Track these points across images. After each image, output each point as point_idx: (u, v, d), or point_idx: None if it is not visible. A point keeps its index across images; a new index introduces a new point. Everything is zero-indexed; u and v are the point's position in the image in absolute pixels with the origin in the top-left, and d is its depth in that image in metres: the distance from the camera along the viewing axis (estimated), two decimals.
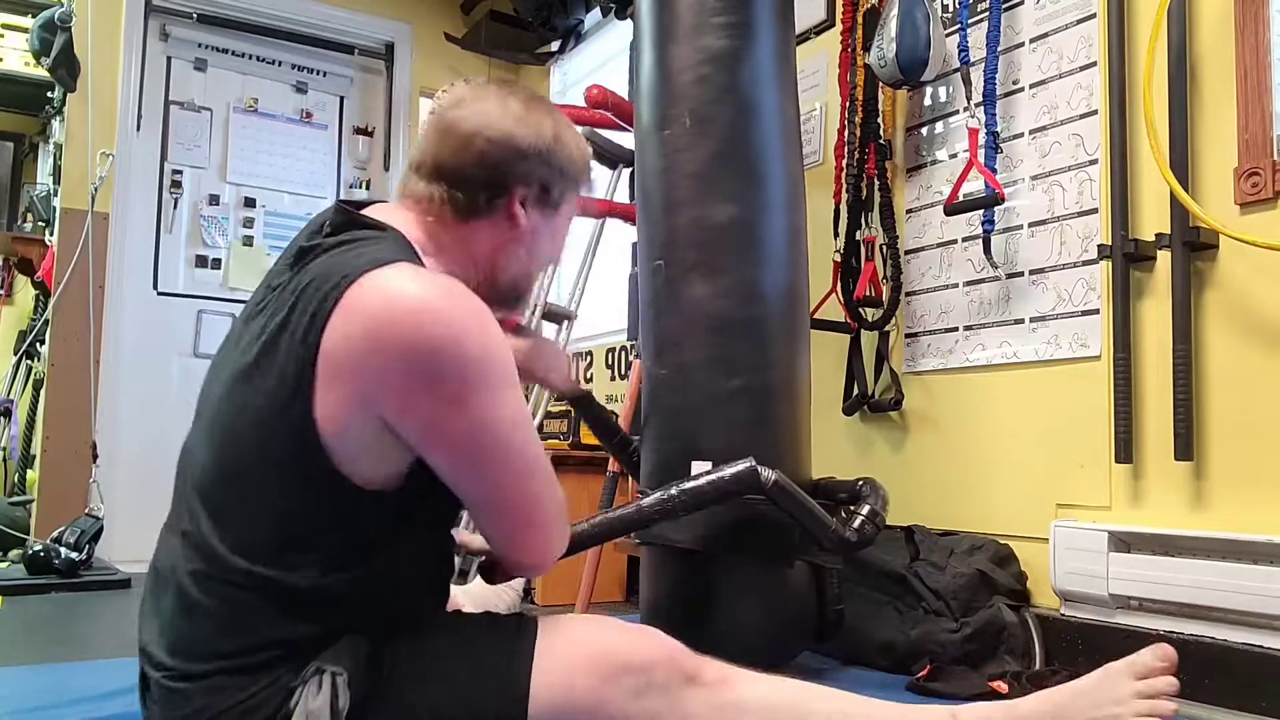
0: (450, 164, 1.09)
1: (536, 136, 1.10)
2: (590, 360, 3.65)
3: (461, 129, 1.09)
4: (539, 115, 1.12)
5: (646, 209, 1.97)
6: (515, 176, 1.10)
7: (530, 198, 1.12)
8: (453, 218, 1.09)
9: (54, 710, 1.59)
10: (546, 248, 1.18)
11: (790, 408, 1.89)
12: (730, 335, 1.84)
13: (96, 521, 3.10)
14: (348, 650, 0.98)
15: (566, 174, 1.14)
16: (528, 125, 1.10)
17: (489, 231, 1.11)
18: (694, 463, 1.79)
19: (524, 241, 1.13)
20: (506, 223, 1.11)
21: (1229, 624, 1.69)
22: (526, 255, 1.15)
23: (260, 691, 0.96)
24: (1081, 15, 2.05)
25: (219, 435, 1.02)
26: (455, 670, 0.99)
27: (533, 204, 1.12)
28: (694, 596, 1.83)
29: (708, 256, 1.86)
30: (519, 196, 1.10)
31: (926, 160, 2.40)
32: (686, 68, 1.90)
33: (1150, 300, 1.89)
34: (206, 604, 0.98)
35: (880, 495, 1.77)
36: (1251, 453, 1.72)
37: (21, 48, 3.78)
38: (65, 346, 3.55)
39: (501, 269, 1.14)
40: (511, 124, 1.09)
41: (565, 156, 1.13)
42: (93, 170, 3.61)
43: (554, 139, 1.12)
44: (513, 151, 1.09)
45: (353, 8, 4.25)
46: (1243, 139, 1.75)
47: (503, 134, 1.08)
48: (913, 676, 1.83)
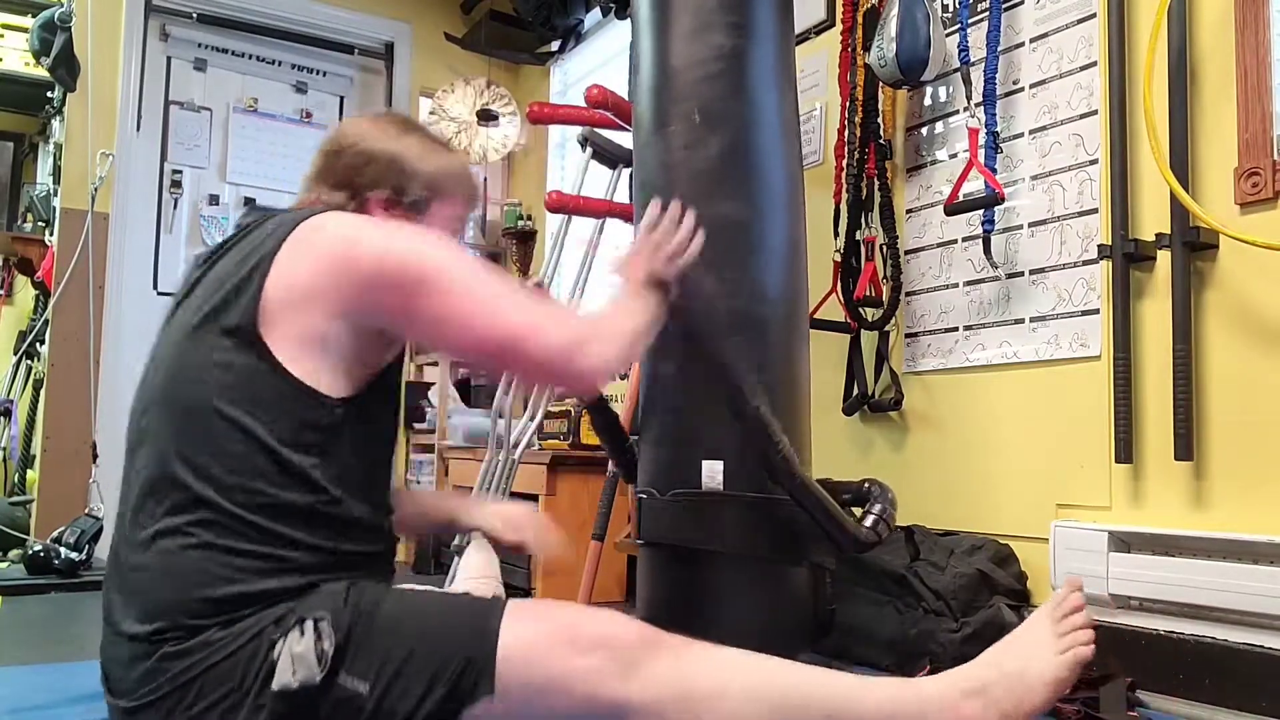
0: (323, 170, 1.26)
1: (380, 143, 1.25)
2: None
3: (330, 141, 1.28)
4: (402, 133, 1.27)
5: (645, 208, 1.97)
6: (367, 181, 1.24)
7: (386, 200, 1.24)
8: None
9: (54, 710, 1.59)
10: None
11: (791, 408, 1.89)
12: (732, 333, 1.84)
13: (96, 521, 3.10)
14: (326, 600, 1.01)
15: (421, 179, 1.26)
16: (385, 136, 1.26)
17: None
18: (705, 462, 1.78)
19: None
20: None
21: (1229, 624, 1.69)
22: None
23: (246, 645, 0.98)
24: (1081, 15, 2.05)
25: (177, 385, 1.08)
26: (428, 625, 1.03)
27: (394, 206, 1.24)
28: (691, 596, 1.82)
29: (708, 256, 1.85)
30: (374, 199, 1.23)
31: (926, 160, 2.40)
32: (686, 67, 1.89)
33: (1150, 300, 1.89)
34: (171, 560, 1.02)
35: (889, 496, 1.77)
36: (1251, 453, 1.72)
37: (21, 48, 3.78)
38: (65, 346, 3.55)
39: None
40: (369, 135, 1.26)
41: (420, 164, 1.26)
42: (93, 170, 3.61)
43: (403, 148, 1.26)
44: (363, 157, 1.24)
45: (353, 8, 4.25)
46: (1243, 139, 1.75)
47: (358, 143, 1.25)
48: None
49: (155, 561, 1.03)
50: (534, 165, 4.35)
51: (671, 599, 1.86)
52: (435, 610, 1.05)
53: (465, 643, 1.01)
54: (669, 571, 1.87)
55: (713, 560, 1.79)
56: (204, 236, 4.03)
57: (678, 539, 1.82)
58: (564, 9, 3.68)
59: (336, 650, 0.98)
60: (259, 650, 0.98)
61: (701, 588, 1.82)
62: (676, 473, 1.83)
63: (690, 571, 1.82)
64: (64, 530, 3.04)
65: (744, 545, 1.77)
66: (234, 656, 0.98)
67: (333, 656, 0.97)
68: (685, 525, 1.80)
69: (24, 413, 3.99)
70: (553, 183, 4.15)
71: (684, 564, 1.83)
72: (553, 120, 3.16)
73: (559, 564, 2.83)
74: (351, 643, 0.99)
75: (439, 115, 4.12)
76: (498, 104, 4.27)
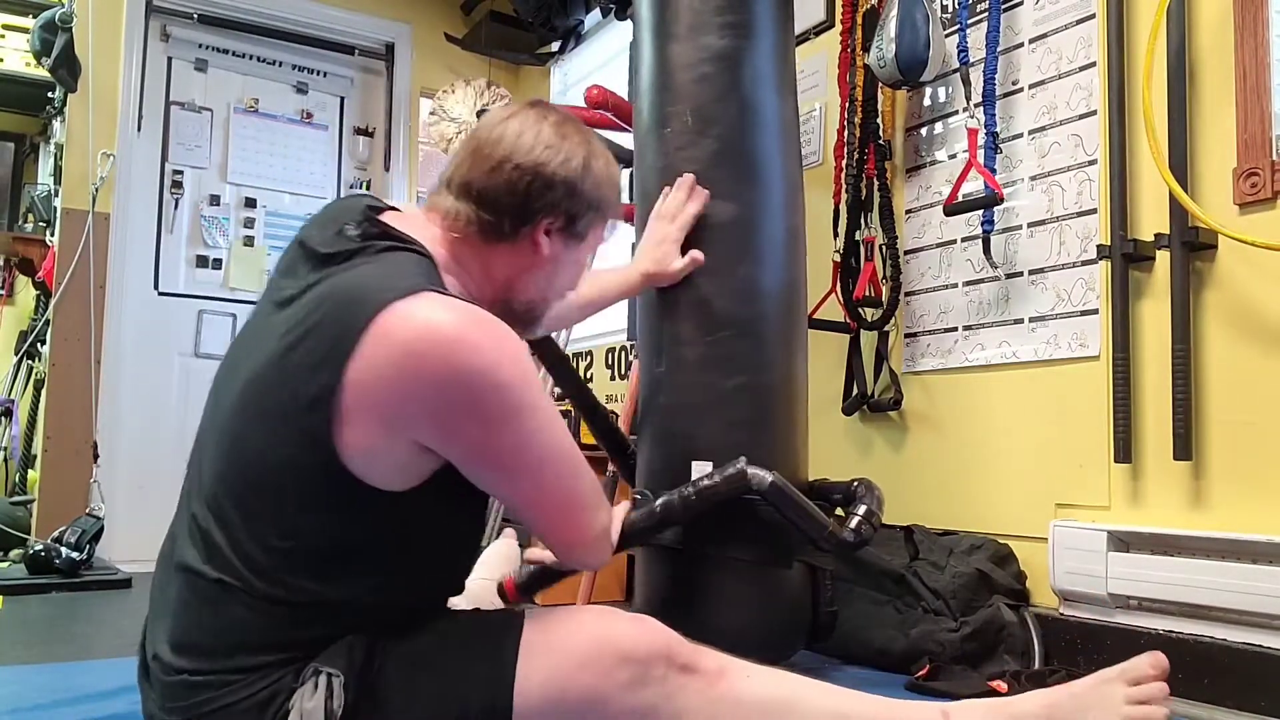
0: (479, 186, 1.09)
1: (566, 167, 1.10)
2: (590, 360, 3.65)
3: (493, 153, 1.10)
4: (572, 144, 1.12)
5: (646, 207, 1.97)
6: (542, 206, 1.10)
7: (555, 227, 1.12)
8: (477, 238, 1.10)
9: (54, 710, 1.59)
10: (566, 276, 1.20)
11: (788, 408, 1.89)
12: (731, 334, 1.84)
13: (97, 521, 3.10)
14: (344, 651, 0.98)
15: (594, 205, 1.15)
16: (559, 154, 1.10)
17: (511, 256, 1.12)
18: (694, 463, 1.79)
19: (544, 269, 1.15)
20: (530, 250, 1.12)
21: (1229, 624, 1.69)
22: (545, 282, 1.17)
23: (262, 691, 0.96)
24: (1081, 15, 2.05)
25: (230, 439, 1.01)
26: (443, 663, 0.99)
27: (557, 233, 1.13)
28: (687, 596, 1.82)
29: (707, 255, 1.86)
30: (544, 226, 1.11)
31: (926, 160, 2.40)
32: (686, 66, 1.90)
33: (1149, 300, 1.89)
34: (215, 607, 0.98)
35: (875, 495, 1.77)
36: (1251, 453, 1.72)
37: (22, 48, 3.78)
38: (66, 346, 3.55)
39: (519, 293, 1.15)
40: (542, 152, 1.10)
41: (593, 186, 1.14)
42: (93, 170, 3.61)
43: (584, 169, 1.12)
44: (541, 181, 1.09)
45: (353, 8, 4.25)
46: (1242, 139, 1.75)
47: (533, 162, 1.09)
48: (912, 676, 1.83)
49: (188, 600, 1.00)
50: None
51: (666, 599, 1.87)
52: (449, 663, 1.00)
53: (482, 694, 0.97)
54: (665, 572, 1.87)
55: (706, 561, 1.79)
56: (205, 237, 4.03)
57: (670, 540, 1.82)
58: (564, 10, 3.68)
59: (348, 711, 0.95)
60: (275, 698, 0.96)
61: (695, 588, 1.82)
62: (669, 473, 1.83)
63: (684, 572, 1.83)
64: (65, 530, 3.04)
65: (735, 547, 1.77)
66: (250, 699, 0.96)
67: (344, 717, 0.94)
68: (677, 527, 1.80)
69: (25, 413, 4.00)
70: None
71: (678, 564, 1.83)
72: None
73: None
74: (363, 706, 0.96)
75: (439, 116, 4.12)
76: (498, 104, 4.28)
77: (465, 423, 0.96)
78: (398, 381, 0.93)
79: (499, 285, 1.14)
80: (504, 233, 1.10)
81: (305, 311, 0.98)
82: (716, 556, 1.78)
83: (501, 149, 1.09)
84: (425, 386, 0.93)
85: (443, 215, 1.11)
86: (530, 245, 1.12)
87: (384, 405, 0.94)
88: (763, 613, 1.83)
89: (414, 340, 0.93)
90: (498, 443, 0.98)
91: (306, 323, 0.97)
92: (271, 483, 0.98)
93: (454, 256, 1.11)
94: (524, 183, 1.09)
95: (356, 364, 0.93)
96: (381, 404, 0.94)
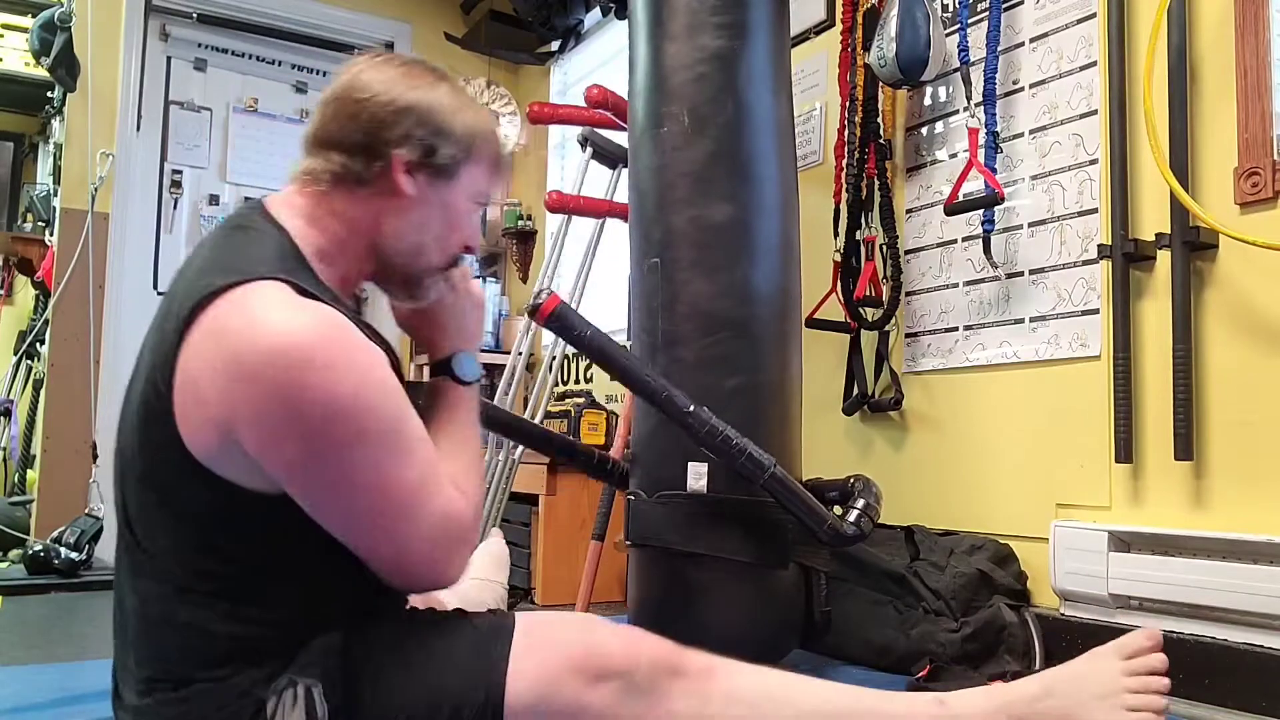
0: (327, 130, 1.04)
1: (412, 93, 1.03)
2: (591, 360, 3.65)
3: (336, 93, 1.04)
4: (417, 77, 1.05)
5: (641, 207, 1.97)
6: (392, 137, 1.02)
7: (413, 160, 1.03)
8: (334, 191, 1.03)
9: (54, 710, 1.59)
10: (439, 221, 1.08)
11: (782, 408, 1.89)
12: (727, 335, 1.84)
13: (96, 521, 3.10)
14: (318, 658, 0.95)
15: (454, 138, 1.05)
16: (402, 83, 1.03)
17: (373, 201, 1.04)
18: (690, 464, 1.79)
19: (410, 211, 1.05)
20: (391, 191, 1.04)
21: (1229, 624, 1.69)
22: (417, 228, 1.06)
23: (230, 704, 0.93)
24: (1081, 15, 2.05)
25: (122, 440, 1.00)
26: (429, 670, 0.97)
27: (418, 169, 1.04)
28: (682, 596, 1.82)
29: (702, 256, 1.86)
30: (400, 161, 1.02)
31: (926, 160, 2.40)
32: (681, 67, 1.90)
33: (1150, 300, 1.89)
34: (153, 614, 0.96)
35: (873, 491, 1.76)
36: (1251, 453, 1.72)
37: (21, 48, 3.78)
38: (65, 346, 3.55)
39: (390, 245, 1.06)
40: (382, 83, 1.03)
41: (449, 114, 1.05)
42: (93, 170, 3.60)
43: (432, 97, 1.04)
44: (384, 109, 1.02)
45: (353, 8, 4.25)
46: (1243, 139, 1.75)
47: (373, 92, 1.02)
48: (912, 676, 1.83)
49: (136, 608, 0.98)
50: (534, 165, 4.35)
51: (660, 600, 1.87)
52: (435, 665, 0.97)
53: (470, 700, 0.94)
54: (657, 572, 1.87)
55: (700, 561, 1.79)
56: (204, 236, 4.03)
57: (663, 541, 1.82)
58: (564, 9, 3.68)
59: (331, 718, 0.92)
60: (244, 710, 0.93)
61: (689, 588, 1.82)
62: (663, 474, 1.83)
63: (678, 572, 1.83)
64: (64, 530, 3.04)
65: (728, 548, 1.77)
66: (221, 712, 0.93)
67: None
68: (671, 528, 1.80)
69: (24, 413, 4.00)
70: (553, 183, 4.15)
71: (672, 565, 1.83)
72: (553, 120, 3.16)
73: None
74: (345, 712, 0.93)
75: None
76: (498, 104, 4.27)
77: (284, 439, 0.88)
78: (224, 379, 0.88)
79: (367, 240, 1.05)
80: (359, 175, 1.02)
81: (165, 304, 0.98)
82: (711, 556, 1.78)
83: (344, 86, 1.04)
84: (250, 389, 0.87)
85: (302, 177, 1.05)
86: (390, 186, 1.03)
87: (210, 404, 0.89)
88: (757, 613, 1.83)
89: (242, 336, 0.87)
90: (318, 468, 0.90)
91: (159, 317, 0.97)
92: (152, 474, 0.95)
93: (315, 224, 1.04)
94: (366, 114, 1.02)
95: (186, 354, 0.90)
96: (208, 401, 0.89)
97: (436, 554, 0.99)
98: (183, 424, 0.90)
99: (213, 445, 0.90)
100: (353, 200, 1.04)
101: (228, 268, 0.93)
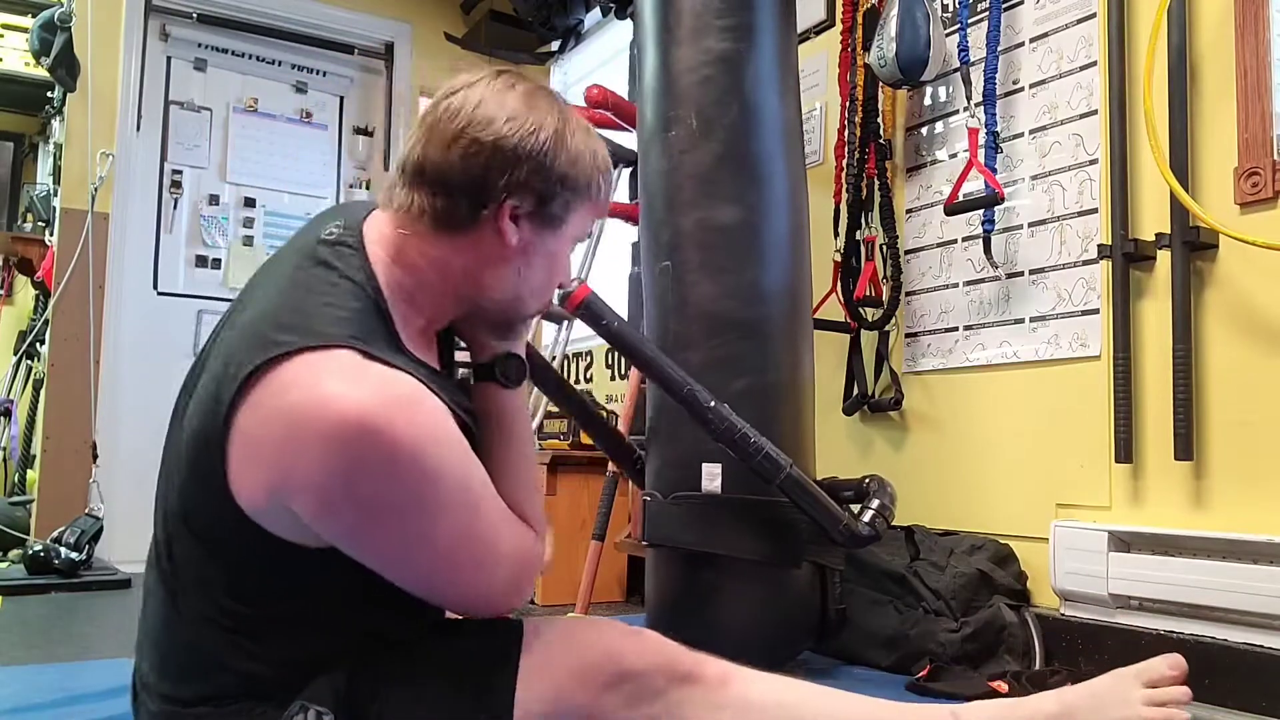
0: (432, 165, 0.94)
1: (534, 138, 0.93)
2: (590, 360, 3.65)
3: (447, 124, 0.94)
4: (541, 112, 0.95)
5: (650, 210, 1.97)
6: (506, 185, 0.93)
7: (523, 211, 0.95)
8: (430, 230, 0.95)
9: (54, 710, 1.59)
10: (542, 270, 1.01)
11: (794, 409, 1.89)
12: (735, 336, 1.84)
13: (96, 521, 3.10)
14: (327, 686, 0.92)
15: (570, 184, 0.97)
16: (525, 124, 0.93)
17: (472, 248, 0.96)
18: (705, 465, 1.78)
19: (513, 262, 0.97)
20: (494, 239, 0.95)
21: (1229, 624, 1.69)
22: (517, 278, 0.99)
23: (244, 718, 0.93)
24: (1081, 15, 2.05)
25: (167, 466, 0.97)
26: (437, 687, 0.94)
27: (526, 218, 0.96)
28: (697, 596, 1.83)
29: (712, 258, 1.86)
30: (509, 209, 0.94)
31: (926, 160, 2.40)
32: (689, 69, 1.90)
33: (1150, 300, 1.89)
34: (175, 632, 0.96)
35: (888, 491, 1.77)
36: (1251, 453, 1.71)
37: (21, 48, 3.78)
38: (65, 346, 3.55)
39: (486, 293, 0.99)
40: (504, 123, 0.93)
41: (569, 162, 0.96)
42: (93, 170, 3.60)
43: (555, 141, 0.95)
44: (502, 155, 0.93)
45: (353, 8, 4.25)
46: (1243, 139, 1.75)
47: (494, 134, 0.92)
48: (913, 676, 1.83)
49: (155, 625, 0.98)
50: None
51: (677, 600, 1.87)
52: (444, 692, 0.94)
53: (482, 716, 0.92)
54: (673, 573, 1.88)
55: (715, 561, 1.79)
56: (204, 237, 4.03)
57: (679, 542, 1.82)
58: (564, 9, 3.68)
59: None
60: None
61: (705, 588, 1.82)
62: (678, 475, 1.83)
63: (694, 572, 1.83)
64: (64, 530, 3.04)
65: (743, 547, 1.77)
66: None
67: None
68: (686, 528, 1.80)
69: (24, 413, 3.99)
70: None
71: (688, 565, 1.84)
72: None
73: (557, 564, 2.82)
74: None
75: None
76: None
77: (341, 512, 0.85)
78: (281, 451, 0.84)
79: (460, 286, 0.98)
80: (461, 219, 0.94)
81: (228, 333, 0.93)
82: (726, 556, 1.78)
83: (459, 121, 0.93)
84: (307, 467, 0.82)
85: (395, 209, 0.96)
86: (494, 233, 0.95)
87: (265, 467, 0.85)
88: (772, 611, 1.83)
89: (303, 413, 0.82)
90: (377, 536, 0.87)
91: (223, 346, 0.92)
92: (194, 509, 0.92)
93: (404, 264, 0.96)
94: (482, 157, 0.92)
95: (244, 412, 0.85)
96: (263, 463, 0.85)
97: (509, 591, 0.97)
98: (234, 480, 0.87)
99: (262, 504, 0.87)
100: (450, 245, 0.96)
101: (299, 326, 0.87)
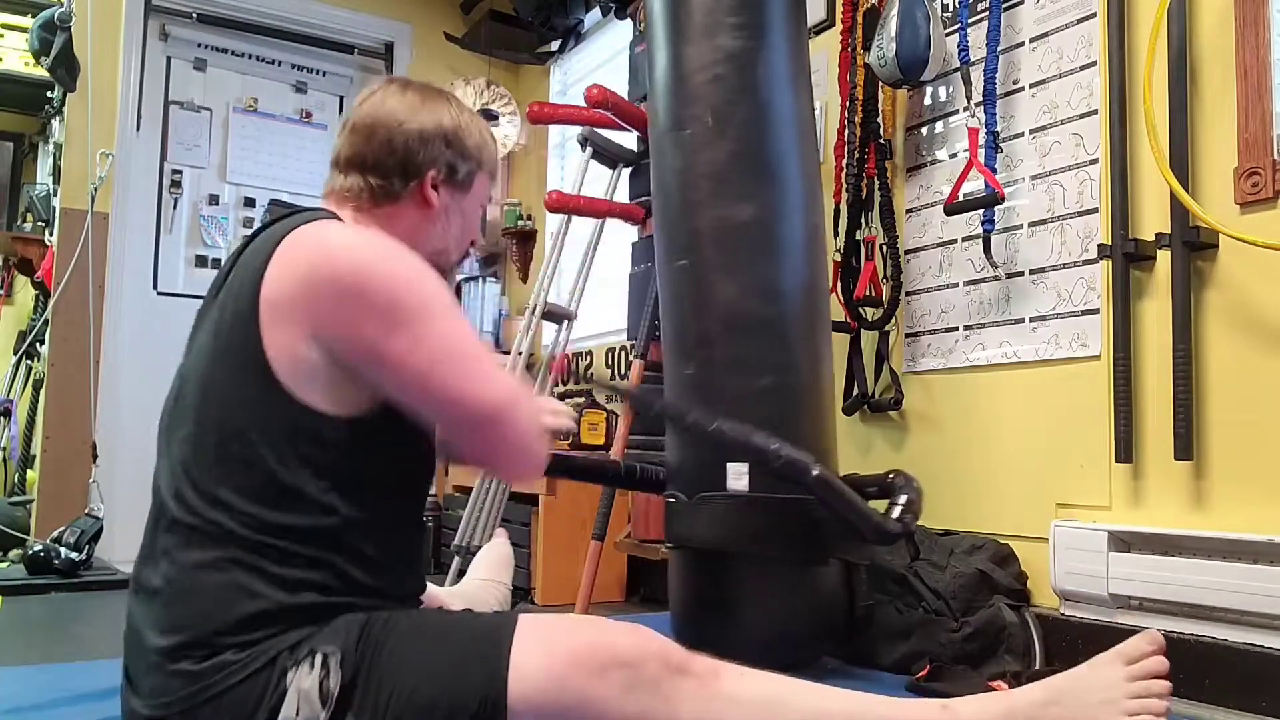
0: (362, 156, 1.20)
1: (438, 123, 1.22)
2: (590, 360, 3.65)
3: (370, 125, 1.21)
4: (436, 104, 1.24)
5: (665, 208, 1.97)
6: (424, 160, 1.21)
7: (440, 179, 1.22)
8: (372, 204, 1.21)
9: (54, 710, 1.59)
10: (459, 225, 1.28)
11: (815, 406, 1.89)
12: (754, 335, 1.84)
13: (96, 522, 3.10)
14: (341, 632, 1.00)
15: (470, 155, 1.25)
16: (428, 113, 1.22)
17: (406, 214, 1.22)
18: (730, 464, 1.78)
19: (438, 220, 1.24)
20: (421, 203, 1.22)
21: (1229, 624, 1.69)
22: (442, 232, 1.26)
23: (258, 673, 0.97)
24: (1081, 15, 2.05)
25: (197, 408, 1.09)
26: (435, 654, 1.01)
27: (443, 185, 1.23)
28: (725, 597, 1.82)
29: (729, 256, 1.86)
30: (430, 179, 1.21)
31: (926, 160, 2.40)
32: (701, 68, 1.90)
33: (1150, 300, 1.89)
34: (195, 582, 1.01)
35: (914, 486, 1.75)
36: (1251, 453, 1.72)
37: (21, 48, 3.78)
38: (65, 346, 3.55)
39: (421, 248, 1.20)
40: (410, 114, 1.21)
41: (466, 137, 1.24)
42: (92, 170, 3.60)
43: (454, 124, 1.23)
44: (417, 138, 1.20)
45: (353, 8, 4.25)
46: (1243, 139, 1.75)
47: (404, 120, 1.21)
48: (912, 676, 1.83)
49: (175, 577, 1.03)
50: (534, 165, 4.35)
51: (702, 601, 1.87)
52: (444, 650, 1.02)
53: (476, 684, 0.98)
54: (698, 574, 1.87)
55: (741, 562, 1.78)
56: (204, 236, 4.03)
57: (704, 542, 1.81)
58: (564, 9, 3.68)
59: (344, 691, 0.96)
60: (271, 678, 0.97)
61: (731, 589, 1.81)
62: (703, 475, 1.82)
63: (719, 573, 1.82)
64: (64, 530, 3.04)
65: (769, 547, 1.76)
66: (247, 683, 0.97)
67: (340, 697, 0.96)
68: (711, 528, 1.79)
69: (24, 413, 3.99)
70: (553, 183, 4.14)
71: (713, 566, 1.83)
72: (553, 120, 3.16)
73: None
74: (359, 684, 0.98)
75: None
76: (498, 104, 4.27)
77: (360, 319, 1.03)
78: (302, 285, 1.04)
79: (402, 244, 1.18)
80: (395, 192, 1.20)
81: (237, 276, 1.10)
82: (752, 555, 1.77)
83: (376, 120, 1.21)
84: (325, 285, 1.03)
85: (341, 192, 1.21)
86: (420, 199, 1.22)
87: (293, 311, 1.03)
88: (799, 609, 1.82)
89: (315, 248, 1.06)
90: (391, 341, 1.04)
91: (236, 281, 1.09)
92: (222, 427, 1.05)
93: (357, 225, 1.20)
94: (402, 142, 1.20)
95: (267, 281, 1.05)
96: (291, 311, 1.03)
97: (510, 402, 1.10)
98: (268, 336, 1.03)
99: (297, 353, 1.03)
100: (388, 213, 1.22)
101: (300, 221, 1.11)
